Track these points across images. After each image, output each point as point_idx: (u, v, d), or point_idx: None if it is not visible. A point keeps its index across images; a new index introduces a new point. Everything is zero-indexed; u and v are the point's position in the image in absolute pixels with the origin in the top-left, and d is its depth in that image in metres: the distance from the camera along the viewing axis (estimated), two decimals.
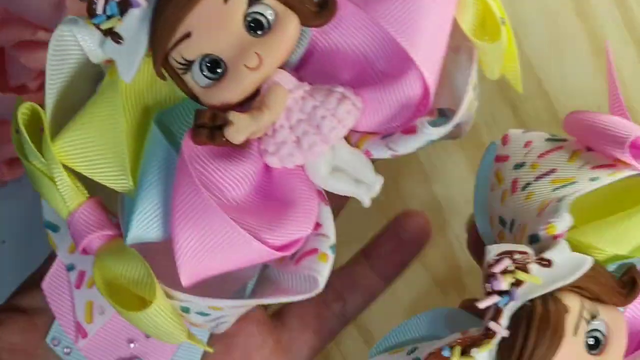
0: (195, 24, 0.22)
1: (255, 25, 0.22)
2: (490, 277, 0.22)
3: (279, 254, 0.23)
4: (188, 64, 0.23)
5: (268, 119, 0.22)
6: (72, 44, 0.23)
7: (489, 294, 0.22)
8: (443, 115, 0.24)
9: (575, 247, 0.23)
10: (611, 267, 0.24)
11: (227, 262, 0.22)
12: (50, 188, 0.23)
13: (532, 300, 0.22)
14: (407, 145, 0.23)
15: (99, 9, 0.22)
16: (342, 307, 0.29)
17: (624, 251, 0.24)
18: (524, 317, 0.22)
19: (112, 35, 0.23)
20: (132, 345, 0.27)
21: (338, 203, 0.27)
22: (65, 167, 0.23)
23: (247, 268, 0.25)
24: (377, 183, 0.24)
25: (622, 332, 0.23)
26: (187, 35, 0.22)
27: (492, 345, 0.22)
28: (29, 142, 0.23)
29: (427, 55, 0.22)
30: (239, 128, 0.22)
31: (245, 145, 0.23)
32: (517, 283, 0.22)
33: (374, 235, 0.31)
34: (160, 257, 0.23)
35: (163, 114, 0.24)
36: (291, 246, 0.23)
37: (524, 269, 0.22)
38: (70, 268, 0.27)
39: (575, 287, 0.23)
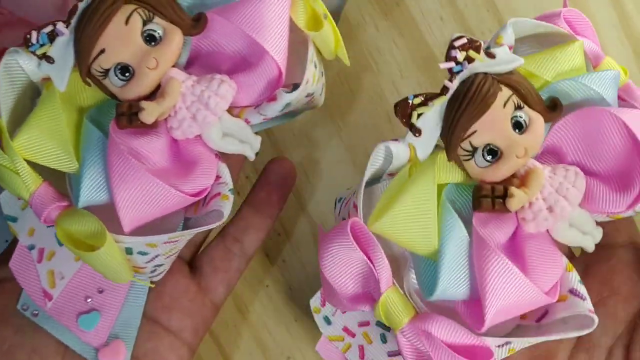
0: (107, 42, 0.31)
1: (149, 39, 0.31)
2: (450, 49, 0.30)
3: (194, 199, 0.31)
4: (105, 72, 0.31)
5: (169, 102, 0.31)
6: (18, 69, 0.31)
7: (448, 60, 0.29)
8: (297, 87, 0.33)
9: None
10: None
11: (157, 209, 0.30)
12: (13, 178, 0.31)
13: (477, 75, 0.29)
14: (272, 109, 0.32)
15: (34, 40, 0.31)
16: (241, 247, 0.36)
17: (549, 77, 0.31)
18: (468, 83, 0.29)
19: (46, 58, 0.31)
20: (88, 300, 0.34)
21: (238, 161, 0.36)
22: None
23: (171, 221, 0.33)
24: (256, 141, 0.33)
25: (540, 129, 0.30)
26: (102, 51, 0.31)
27: (444, 99, 0.30)
28: None
29: (276, 46, 0.31)
30: (149, 112, 0.30)
31: (156, 125, 0.31)
32: (469, 60, 0.29)
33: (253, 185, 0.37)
34: (104, 217, 0.31)
35: (93, 112, 0.32)
36: (201, 193, 0.32)
37: (477, 51, 0.29)
38: (31, 248, 0.34)
39: (511, 85, 0.30)
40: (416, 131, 0.30)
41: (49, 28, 0.30)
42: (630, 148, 0.30)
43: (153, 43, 0.31)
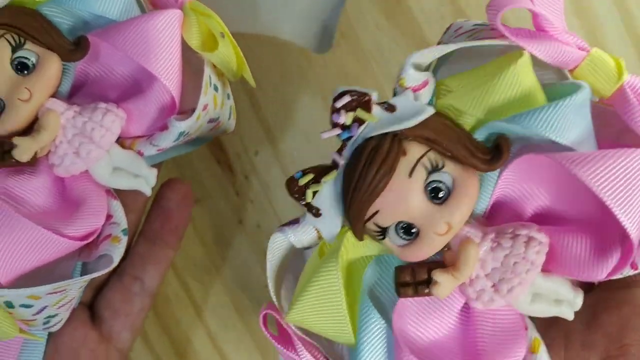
0: None
1: (21, 67, 0.26)
2: (332, 112, 0.23)
3: (80, 243, 0.27)
4: None
5: (46, 137, 0.26)
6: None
7: (333, 126, 0.23)
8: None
9: (448, 112, 0.23)
10: (480, 136, 0.23)
11: (38, 256, 0.26)
12: None
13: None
14: (165, 140, 0.27)
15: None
16: (141, 285, 0.32)
17: (480, 114, 0.23)
18: (358, 151, 0.23)
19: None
20: None
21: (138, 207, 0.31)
22: None
23: (63, 266, 0.29)
24: (152, 175, 0.28)
25: (470, 192, 0.23)
26: None
27: (335, 175, 0.23)
28: None
29: (166, 69, 0.27)
30: (23, 148, 0.26)
31: (35, 162, 0.27)
32: (360, 121, 0.23)
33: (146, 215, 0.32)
34: None
35: None
36: (90, 236, 0.27)
37: (366, 109, 0.22)
38: None
39: (424, 139, 0.22)
40: (314, 211, 0.24)
41: None
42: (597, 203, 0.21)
43: (25, 72, 0.26)
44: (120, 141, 0.28)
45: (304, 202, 0.24)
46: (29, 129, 0.27)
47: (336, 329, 0.24)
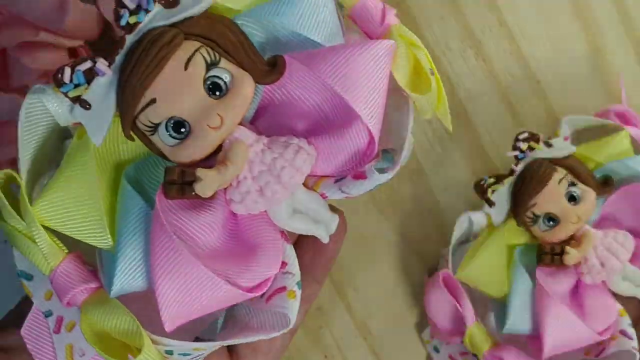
0: (159, 91, 0.22)
1: (213, 88, 0.23)
2: (516, 141, 0.35)
3: (251, 295, 0.23)
4: (155, 126, 0.23)
5: (233, 172, 0.23)
6: (42, 112, 0.23)
7: (514, 149, 0.35)
8: (387, 154, 0.25)
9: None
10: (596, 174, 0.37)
11: (204, 306, 0.23)
12: (31, 247, 0.23)
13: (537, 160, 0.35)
14: (358, 189, 0.24)
15: (66, 78, 0.22)
16: None
17: (601, 159, 0.36)
18: (528, 166, 0.35)
19: (80, 102, 0.23)
20: None
21: (292, 236, 0.28)
22: (43, 226, 0.23)
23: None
24: (333, 221, 0.25)
25: (590, 200, 0.35)
26: (153, 101, 0.22)
27: (511, 179, 0.35)
28: (8, 207, 0.23)
29: (370, 108, 0.23)
30: (207, 183, 0.22)
31: (213, 195, 0.23)
32: (531, 149, 0.35)
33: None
34: (139, 304, 0.23)
35: (133, 168, 0.24)
36: (261, 286, 0.24)
37: (536, 142, 0.35)
38: (48, 314, 0.26)
39: (565, 166, 0.35)
40: (491, 203, 0.36)
41: (87, 64, 0.22)
42: None
43: (217, 93, 0.23)
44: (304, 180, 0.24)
45: (485, 197, 0.36)
46: (209, 157, 0.23)
47: (497, 284, 0.37)
